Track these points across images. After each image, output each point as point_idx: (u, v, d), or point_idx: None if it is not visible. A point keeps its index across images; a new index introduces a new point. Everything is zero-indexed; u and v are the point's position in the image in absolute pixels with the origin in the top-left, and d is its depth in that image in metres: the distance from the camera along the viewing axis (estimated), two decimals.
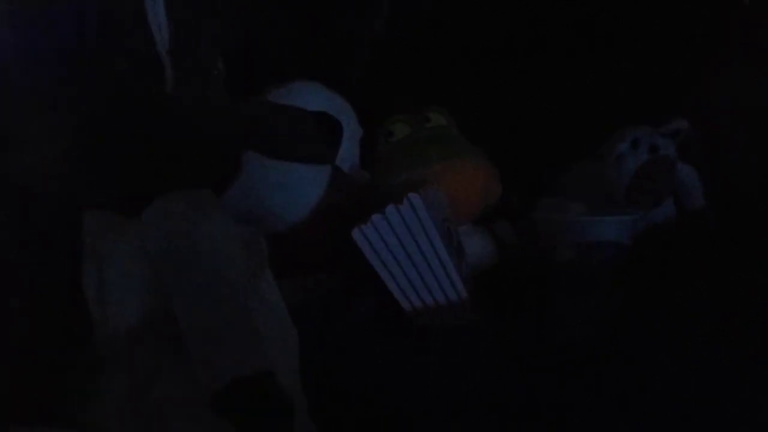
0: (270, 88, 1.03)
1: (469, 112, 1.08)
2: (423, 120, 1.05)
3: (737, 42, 1.05)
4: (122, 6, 0.85)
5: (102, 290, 0.71)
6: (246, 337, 0.67)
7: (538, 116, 1.11)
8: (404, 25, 1.14)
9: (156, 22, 0.85)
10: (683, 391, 0.75)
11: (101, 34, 0.84)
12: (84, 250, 0.74)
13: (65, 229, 0.77)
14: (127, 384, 0.70)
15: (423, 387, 0.81)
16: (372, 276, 0.90)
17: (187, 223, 0.71)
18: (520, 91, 1.12)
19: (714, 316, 0.82)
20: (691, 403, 0.74)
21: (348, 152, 1.04)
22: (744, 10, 1.06)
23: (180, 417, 0.68)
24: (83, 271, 0.72)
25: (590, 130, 1.04)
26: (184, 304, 0.68)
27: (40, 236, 0.80)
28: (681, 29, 1.08)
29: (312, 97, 1.03)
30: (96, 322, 0.72)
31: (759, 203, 0.96)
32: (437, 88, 1.12)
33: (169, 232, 0.70)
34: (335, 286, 0.94)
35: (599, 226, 0.96)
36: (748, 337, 0.78)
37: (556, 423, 0.76)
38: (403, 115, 1.06)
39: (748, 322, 0.80)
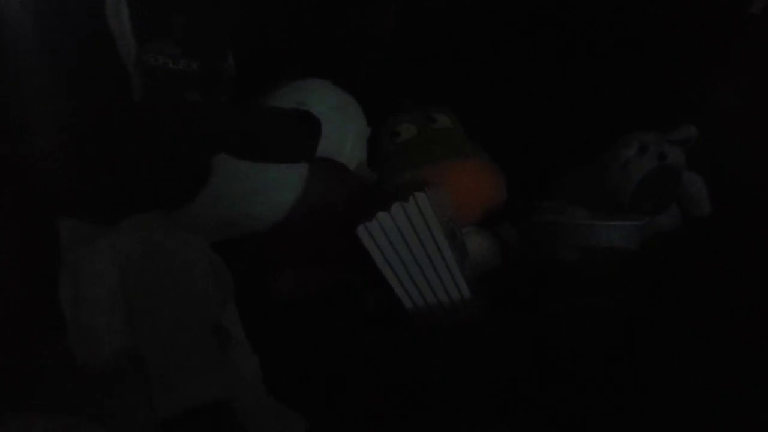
0: (280, 84, 1.04)
1: (475, 115, 1.08)
2: (429, 121, 1.05)
3: (746, 50, 1.05)
4: (87, 21, 0.86)
5: (76, 307, 0.71)
6: (207, 365, 0.67)
7: (543, 120, 1.11)
8: (412, 26, 1.15)
9: (120, 33, 0.85)
10: (685, 393, 0.76)
11: (74, 48, 0.85)
12: (61, 258, 0.74)
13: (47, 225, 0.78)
14: None
15: (425, 383, 0.82)
16: (377, 273, 0.90)
17: (172, 240, 0.70)
18: (526, 94, 1.12)
19: (718, 323, 0.82)
20: (693, 405, 0.74)
21: (356, 151, 1.04)
22: (754, 18, 1.06)
23: None
24: (60, 279, 0.72)
25: (594, 134, 1.04)
26: (148, 324, 0.67)
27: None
28: (689, 36, 1.08)
29: (321, 94, 1.03)
30: (71, 336, 0.71)
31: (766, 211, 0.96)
32: (444, 90, 1.12)
33: (150, 246, 0.69)
34: (341, 280, 0.94)
35: (603, 230, 0.95)
36: (753, 345, 0.78)
37: (557, 422, 0.76)
38: (409, 115, 1.06)
39: (753, 329, 0.80)
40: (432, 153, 1.01)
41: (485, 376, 0.83)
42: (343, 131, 1.02)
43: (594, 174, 1.04)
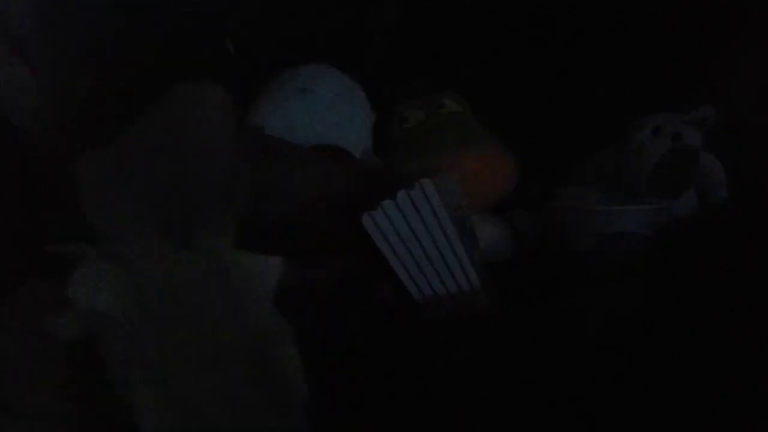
0: (284, 70, 1.02)
1: (486, 99, 1.06)
2: (438, 106, 1.03)
3: (764, 27, 1.01)
4: None
5: None
6: None
7: (556, 104, 1.08)
8: (420, 9, 1.13)
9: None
10: (706, 385, 0.73)
11: None
12: None
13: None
14: None
15: (438, 376, 0.80)
16: (386, 264, 0.88)
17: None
18: (538, 77, 1.10)
19: (737, 310, 0.79)
20: (713, 397, 0.71)
21: (361, 138, 1.02)
22: None
23: None
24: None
25: (610, 118, 1.01)
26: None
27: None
28: (705, 13, 1.05)
29: (326, 79, 1.01)
30: None
31: None
32: (453, 74, 1.10)
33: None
34: (352, 271, 0.93)
35: (620, 216, 0.93)
36: None
37: (573, 416, 0.74)
38: (417, 100, 1.04)
39: None
40: (441, 139, 0.99)
41: (500, 367, 0.81)
42: (349, 118, 1.00)
43: (610, 159, 1.02)
